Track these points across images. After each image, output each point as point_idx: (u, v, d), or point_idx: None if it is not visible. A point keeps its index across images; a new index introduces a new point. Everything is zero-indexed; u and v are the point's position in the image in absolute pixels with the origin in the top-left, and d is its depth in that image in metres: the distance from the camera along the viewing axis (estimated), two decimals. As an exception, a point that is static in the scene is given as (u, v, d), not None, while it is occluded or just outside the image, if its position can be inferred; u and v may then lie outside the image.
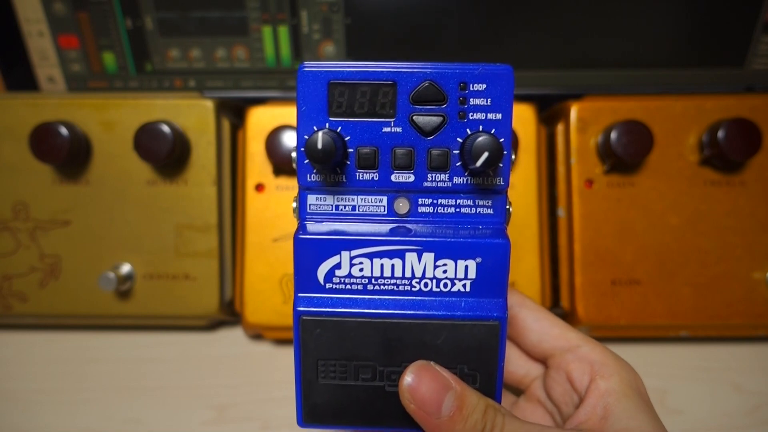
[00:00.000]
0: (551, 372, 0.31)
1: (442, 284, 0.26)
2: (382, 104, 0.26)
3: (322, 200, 0.27)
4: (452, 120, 0.26)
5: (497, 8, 0.45)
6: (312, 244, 0.26)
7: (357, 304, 0.26)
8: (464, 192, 0.26)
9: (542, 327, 0.31)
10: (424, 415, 0.24)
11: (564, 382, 0.30)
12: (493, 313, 0.26)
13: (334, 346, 0.26)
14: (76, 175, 0.44)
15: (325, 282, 0.26)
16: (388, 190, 0.27)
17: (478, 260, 0.25)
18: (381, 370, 0.26)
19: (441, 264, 0.25)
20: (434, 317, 0.26)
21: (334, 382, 0.26)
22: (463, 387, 0.25)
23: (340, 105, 0.26)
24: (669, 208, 0.43)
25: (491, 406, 0.25)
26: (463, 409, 0.24)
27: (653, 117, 0.42)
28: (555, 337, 0.30)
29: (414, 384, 0.25)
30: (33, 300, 0.44)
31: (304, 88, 0.26)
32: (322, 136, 0.24)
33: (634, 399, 0.27)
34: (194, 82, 0.49)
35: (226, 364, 0.45)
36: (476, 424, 0.24)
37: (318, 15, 0.46)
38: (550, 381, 0.31)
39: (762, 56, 0.46)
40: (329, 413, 0.27)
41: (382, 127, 0.26)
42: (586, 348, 0.29)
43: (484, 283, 0.26)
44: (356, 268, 0.26)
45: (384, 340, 0.26)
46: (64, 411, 0.42)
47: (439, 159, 0.26)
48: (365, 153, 0.26)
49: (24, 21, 0.47)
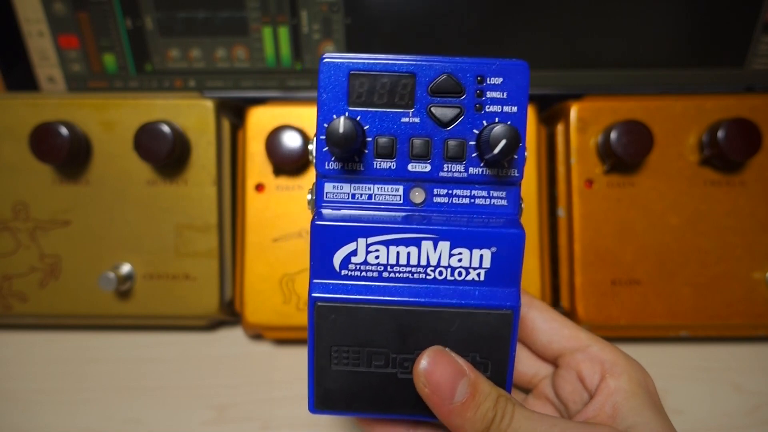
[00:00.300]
0: (561, 371, 0.31)
1: (456, 273, 0.26)
2: (401, 95, 0.26)
3: (339, 188, 0.27)
4: (469, 112, 0.26)
5: (497, 8, 0.45)
6: (329, 230, 0.26)
7: (372, 291, 0.26)
8: (479, 183, 0.27)
9: (552, 327, 0.31)
10: (437, 400, 0.25)
11: (574, 381, 0.30)
12: (507, 302, 0.26)
13: (348, 333, 0.26)
14: (76, 175, 0.44)
15: (341, 269, 0.26)
16: (405, 179, 0.27)
17: (493, 249, 0.26)
18: (394, 357, 0.26)
19: (456, 252, 0.26)
20: (448, 305, 0.26)
21: (347, 368, 0.27)
22: (477, 375, 0.25)
23: (360, 95, 0.26)
24: (669, 208, 0.43)
25: (503, 396, 0.25)
26: (476, 397, 0.24)
27: (653, 117, 0.42)
28: (566, 338, 0.31)
29: (429, 368, 0.25)
30: (33, 300, 0.44)
31: (326, 78, 0.26)
32: (344, 121, 0.24)
33: (642, 397, 0.27)
34: (194, 82, 0.49)
35: (226, 364, 0.45)
36: (487, 412, 0.24)
37: (318, 15, 0.46)
38: (559, 380, 0.31)
39: (762, 56, 0.46)
40: (341, 400, 0.27)
41: (401, 118, 0.26)
42: (596, 347, 0.30)
43: (498, 273, 0.26)
44: (372, 255, 0.26)
45: (398, 328, 0.26)
46: (64, 411, 0.42)
47: (455, 149, 0.26)
48: (383, 142, 0.26)
49: (24, 21, 0.47)
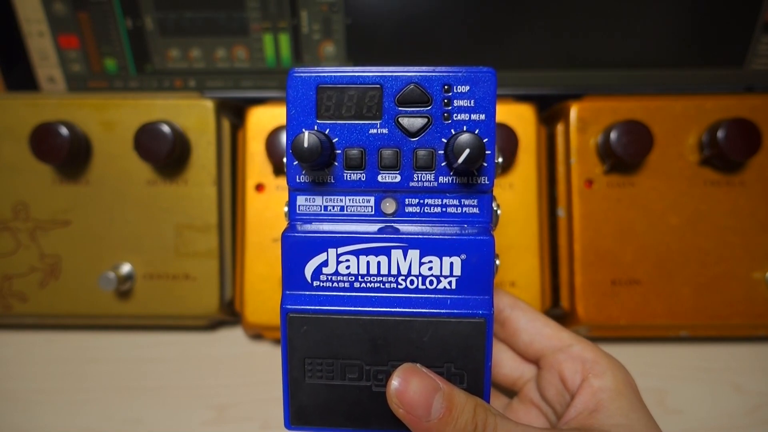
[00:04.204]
0: (544, 372, 0.31)
1: (428, 281, 0.26)
2: (368, 107, 0.26)
3: (311, 201, 0.27)
4: (437, 121, 0.26)
5: (498, 8, 0.45)
6: (299, 241, 0.26)
7: (344, 302, 0.26)
8: (450, 191, 0.27)
9: (535, 327, 0.31)
10: (413, 419, 0.24)
11: (557, 382, 0.30)
12: (479, 310, 0.26)
13: (321, 344, 0.26)
14: (76, 175, 0.44)
15: (313, 280, 0.26)
16: (375, 191, 0.27)
17: (462, 257, 0.26)
18: (368, 369, 0.26)
19: (426, 261, 0.26)
20: (420, 315, 0.26)
21: (321, 381, 0.27)
22: (451, 387, 0.25)
23: (328, 108, 0.26)
24: (669, 208, 0.43)
25: (480, 405, 0.25)
26: (453, 410, 0.24)
27: (653, 117, 0.42)
28: (547, 337, 0.30)
29: (401, 387, 0.24)
30: (33, 300, 0.44)
31: (294, 92, 0.27)
32: (308, 136, 0.24)
33: (628, 397, 0.27)
34: (194, 82, 0.49)
35: (226, 364, 0.45)
36: (467, 424, 0.24)
37: (318, 15, 0.46)
38: (543, 382, 0.31)
39: (762, 56, 0.46)
40: (317, 415, 0.27)
41: (369, 129, 0.27)
42: (578, 347, 0.29)
43: (469, 281, 0.26)
44: (343, 265, 0.26)
45: (370, 338, 0.26)
46: (64, 411, 0.42)
47: (424, 159, 0.26)
48: (352, 154, 0.27)
49: (24, 21, 0.47)
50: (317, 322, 0.26)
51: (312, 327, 0.26)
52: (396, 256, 0.26)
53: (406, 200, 0.27)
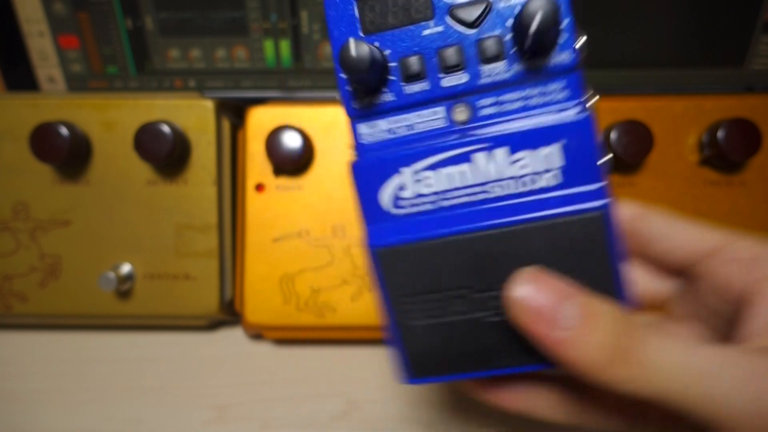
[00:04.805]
0: (695, 283, 0.25)
1: (522, 182, 0.23)
2: (416, 8, 0.23)
3: (374, 126, 0.24)
4: (496, 2, 0.23)
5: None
6: (368, 165, 0.24)
7: (432, 225, 0.23)
8: (528, 80, 0.23)
9: (676, 231, 0.25)
10: (541, 329, 0.20)
11: (715, 292, 0.24)
12: (591, 202, 0.22)
13: (418, 278, 0.23)
14: (76, 175, 0.44)
15: (393, 207, 0.24)
16: (443, 98, 0.23)
17: (562, 142, 0.22)
18: (476, 298, 0.23)
19: (517, 158, 0.22)
20: (521, 222, 0.22)
21: (428, 321, 0.24)
22: (586, 293, 0.20)
23: (372, 21, 0.23)
24: (669, 208, 0.42)
25: (622, 316, 0.20)
26: (590, 319, 0.20)
27: (653, 117, 0.42)
28: (695, 241, 0.25)
29: (524, 293, 0.20)
30: (33, 300, 0.44)
31: (333, 11, 0.23)
32: (354, 42, 0.21)
33: None
34: (194, 82, 0.49)
35: (226, 364, 0.45)
36: (607, 336, 0.19)
37: (318, 15, 0.46)
38: (693, 294, 0.25)
39: (762, 56, 0.46)
40: (433, 362, 0.24)
41: (422, 31, 0.23)
42: (741, 244, 0.23)
43: (573, 170, 0.22)
44: (421, 184, 0.23)
45: (471, 260, 0.23)
46: (64, 411, 0.42)
47: (491, 48, 0.23)
48: (409, 62, 0.23)
49: (24, 21, 0.47)
50: (409, 253, 0.23)
51: (404, 260, 0.23)
52: (480, 161, 0.23)
53: (479, 102, 0.23)
